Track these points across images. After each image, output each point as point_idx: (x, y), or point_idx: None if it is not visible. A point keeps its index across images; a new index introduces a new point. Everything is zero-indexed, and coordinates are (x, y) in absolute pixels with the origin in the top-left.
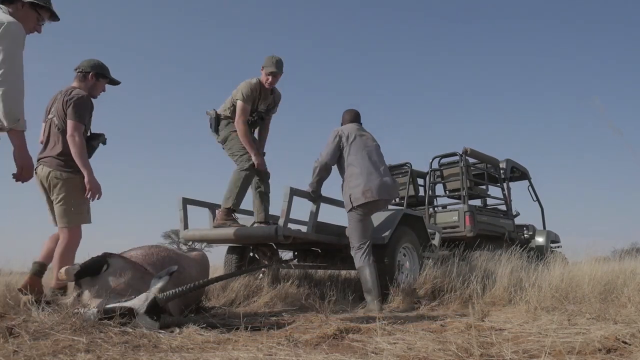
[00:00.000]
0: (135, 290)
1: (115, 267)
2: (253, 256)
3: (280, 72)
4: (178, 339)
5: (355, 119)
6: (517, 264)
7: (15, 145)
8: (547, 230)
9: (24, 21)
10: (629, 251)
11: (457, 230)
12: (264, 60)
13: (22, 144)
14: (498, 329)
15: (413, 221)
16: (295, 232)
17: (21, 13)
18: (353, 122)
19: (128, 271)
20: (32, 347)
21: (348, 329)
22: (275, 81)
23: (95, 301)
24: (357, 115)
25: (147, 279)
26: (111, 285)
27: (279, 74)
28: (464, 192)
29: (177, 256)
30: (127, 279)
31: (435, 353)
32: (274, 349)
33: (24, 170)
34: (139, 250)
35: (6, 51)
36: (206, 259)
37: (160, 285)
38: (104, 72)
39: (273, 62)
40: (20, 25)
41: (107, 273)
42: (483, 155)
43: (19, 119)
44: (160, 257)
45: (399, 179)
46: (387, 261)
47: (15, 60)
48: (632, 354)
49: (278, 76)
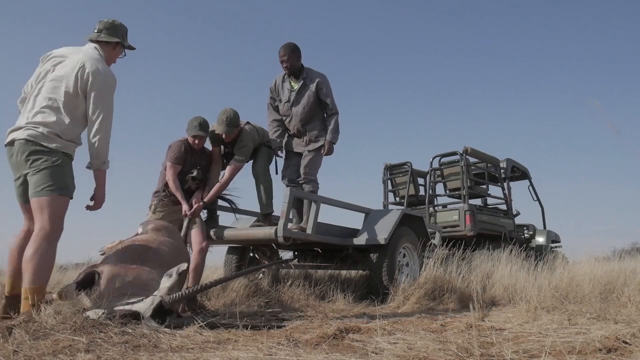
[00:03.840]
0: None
1: (106, 274)
2: (253, 256)
3: (205, 134)
4: (178, 338)
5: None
6: (518, 264)
7: (98, 184)
8: (547, 230)
9: (112, 57)
10: (630, 251)
11: (457, 230)
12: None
13: (104, 183)
14: (498, 328)
15: (413, 221)
16: (296, 233)
17: (112, 52)
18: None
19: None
20: (32, 347)
21: (348, 329)
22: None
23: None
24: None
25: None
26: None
27: (204, 136)
28: (464, 191)
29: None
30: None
31: (436, 353)
32: (274, 349)
33: (97, 205)
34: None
35: (105, 101)
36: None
37: (168, 285)
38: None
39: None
40: (114, 77)
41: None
42: (483, 154)
43: (104, 162)
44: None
45: (400, 178)
46: (387, 261)
47: (111, 110)
48: (632, 353)
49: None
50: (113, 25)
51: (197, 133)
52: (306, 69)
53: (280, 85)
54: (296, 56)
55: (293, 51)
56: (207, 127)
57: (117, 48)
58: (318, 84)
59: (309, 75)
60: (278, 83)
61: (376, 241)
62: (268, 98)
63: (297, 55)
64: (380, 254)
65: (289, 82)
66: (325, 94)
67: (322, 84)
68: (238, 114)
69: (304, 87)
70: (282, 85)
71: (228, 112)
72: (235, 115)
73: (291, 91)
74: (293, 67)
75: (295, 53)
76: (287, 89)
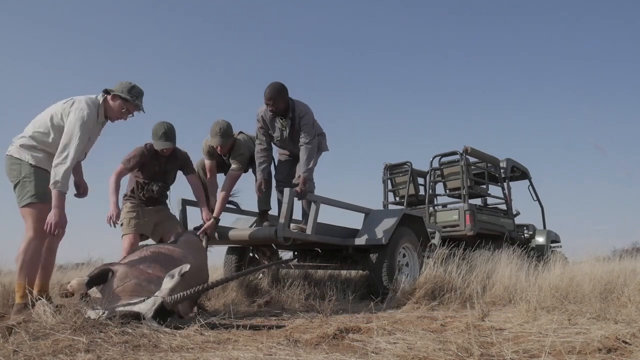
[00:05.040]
0: (144, 290)
1: (120, 273)
2: (253, 256)
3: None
4: (178, 338)
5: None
6: (518, 264)
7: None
8: (547, 230)
9: (112, 109)
10: (630, 251)
11: (457, 229)
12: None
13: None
14: (498, 328)
15: (413, 221)
16: (296, 234)
17: (111, 103)
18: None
19: (132, 275)
20: (32, 347)
21: (348, 329)
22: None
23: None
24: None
25: (151, 278)
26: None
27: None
28: (464, 191)
29: (169, 252)
30: (134, 281)
31: (436, 353)
32: (274, 349)
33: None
34: (133, 255)
35: (77, 135)
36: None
37: (170, 286)
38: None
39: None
40: (92, 113)
41: (113, 279)
42: (483, 154)
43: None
44: (155, 255)
45: (399, 177)
46: (387, 261)
47: (80, 144)
48: (632, 353)
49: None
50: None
51: (163, 146)
52: (291, 104)
53: (268, 120)
54: (282, 99)
55: (279, 94)
56: (172, 135)
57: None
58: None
59: (296, 111)
60: (267, 117)
61: (376, 241)
62: (257, 125)
63: (284, 98)
64: (380, 254)
65: (278, 121)
66: (302, 127)
67: (302, 120)
68: (231, 125)
69: (293, 125)
70: (271, 121)
71: (221, 124)
72: (228, 126)
73: (282, 130)
74: (278, 110)
75: (281, 96)
76: (278, 127)
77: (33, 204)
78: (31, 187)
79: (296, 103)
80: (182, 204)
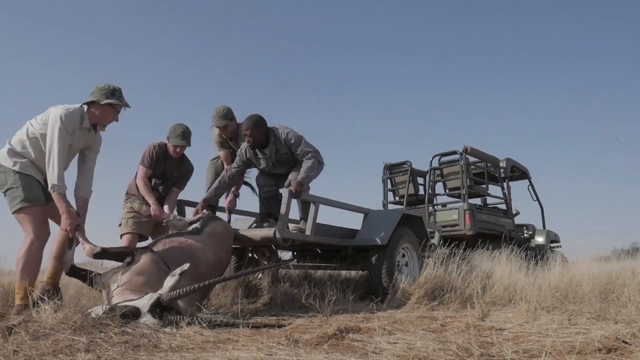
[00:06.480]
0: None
1: (138, 264)
2: (252, 256)
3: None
4: (178, 338)
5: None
6: (517, 264)
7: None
8: (547, 230)
9: (104, 117)
10: (629, 251)
11: (457, 229)
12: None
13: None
14: (498, 328)
15: (412, 221)
16: (295, 234)
17: (100, 111)
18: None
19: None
20: (32, 347)
21: (348, 329)
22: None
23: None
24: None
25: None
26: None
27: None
28: (464, 190)
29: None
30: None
31: (436, 353)
32: (274, 349)
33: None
34: (160, 244)
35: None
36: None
37: (171, 284)
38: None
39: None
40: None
41: (129, 268)
42: (483, 153)
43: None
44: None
45: (399, 177)
46: (386, 261)
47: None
48: (632, 353)
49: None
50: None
51: (179, 143)
52: (270, 133)
53: (251, 156)
54: (260, 130)
55: (256, 125)
56: (189, 136)
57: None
58: (287, 144)
59: (279, 137)
60: (250, 154)
61: (375, 242)
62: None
63: (261, 130)
64: (380, 254)
65: (260, 153)
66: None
67: (289, 141)
68: (230, 109)
69: (277, 151)
70: (254, 156)
71: (219, 108)
72: (227, 109)
73: (267, 159)
74: (256, 141)
75: (258, 127)
76: (263, 158)
77: (25, 208)
78: (19, 192)
79: (275, 130)
80: (181, 204)
